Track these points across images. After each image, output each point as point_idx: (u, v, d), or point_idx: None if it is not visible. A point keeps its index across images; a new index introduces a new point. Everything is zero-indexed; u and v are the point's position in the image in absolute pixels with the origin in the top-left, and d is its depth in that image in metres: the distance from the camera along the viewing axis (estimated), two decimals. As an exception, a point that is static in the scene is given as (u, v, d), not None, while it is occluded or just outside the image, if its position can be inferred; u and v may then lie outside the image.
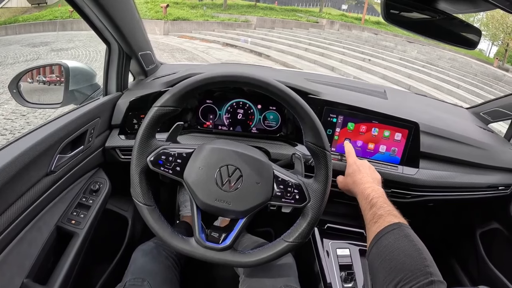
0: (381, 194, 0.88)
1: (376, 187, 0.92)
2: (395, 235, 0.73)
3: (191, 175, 0.84)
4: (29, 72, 1.26)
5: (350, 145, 1.14)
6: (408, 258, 0.66)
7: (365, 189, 0.91)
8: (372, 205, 0.84)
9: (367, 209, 0.86)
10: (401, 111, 1.24)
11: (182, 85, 0.84)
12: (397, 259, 0.67)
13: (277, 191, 0.86)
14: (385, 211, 0.80)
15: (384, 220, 0.77)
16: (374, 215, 0.81)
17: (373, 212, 0.83)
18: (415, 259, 0.66)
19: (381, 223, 0.77)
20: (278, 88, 0.82)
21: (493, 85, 12.89)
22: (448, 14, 0.79)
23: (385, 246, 0.72)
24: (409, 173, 1.22)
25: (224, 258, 0.84)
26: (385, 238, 0.73)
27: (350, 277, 1.10)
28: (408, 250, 0.68)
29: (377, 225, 0.78)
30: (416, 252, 0.67)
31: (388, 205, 0.83)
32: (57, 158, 0.96)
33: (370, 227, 0.80)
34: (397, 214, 0.80)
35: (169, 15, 18.08)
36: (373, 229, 0.78)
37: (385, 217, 0.78)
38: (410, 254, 0.67)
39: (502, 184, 1.35)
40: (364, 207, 0.88)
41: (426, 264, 0.64)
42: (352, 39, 18.70)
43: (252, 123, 1.30)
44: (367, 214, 0.85)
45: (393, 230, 0.74)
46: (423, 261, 0.65)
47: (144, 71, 1.35)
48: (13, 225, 0.83)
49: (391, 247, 0.70)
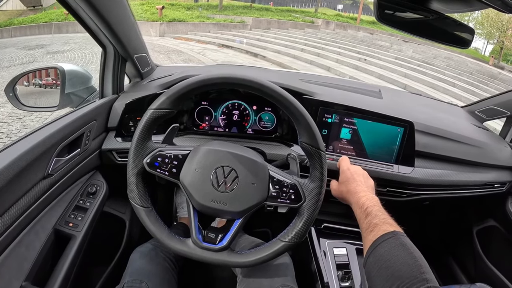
0: (375, 203, 0.88)
1: (370, 196, 0.92)
2: (390, 244, 0.73)
3: (187, 176, 0.85)
4: (25, 76, 1.26)
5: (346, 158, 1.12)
6: (404, 266, 0.67)
7: (359, 198, 0.92)
8: (367, 214, 0.85)
9: (362, 218, 0.86)
10: (396, 111, 1.25)
11: (177, 87, 0.84)
12: (393, 267, 0.68)
13: (273, 191, 0.86)
14: (380, 220, 0.81)
15: (380, 229, 0.78)
16: (369, 224, 0.82)
17: (368, 221, 0.83)
18: (411, 267, 0.67)
19: (376, 232, 0.78)
20: (272, 89, 0.83)
21: (488, 83, 12.92)
22: (441, 13, 0.80)
23: (381, 255, 0.73)
24: (405, 172, 1.23)
25: (221, 259, 0.85)
26: (381, 246, 0.74)
27: (347, 276, 1.11)
28: (404, 258, 0.69)
29: (373, 234, 0.78)
30: (412, 260, 0.68)
31: (383, 214, 0.84)
32: (54, 161, 0.96)
33: (366, 236, 0.81)
34: (392, 223, 0.81)
35: (165, 17, 18.04)
36: (369, 238, 0.79)
37: (381, 225, 0.79)
38: (406, 261, 0.68)
39: (497, 181, 1.36)
40: (359, 216, 0.88)
41: (422, 271, 0.65)
42: (347, 39, 18.72)
43: (247, 124, 1.31)
44: (363, 223, 0.85)
45: (388, 238, 0.75)
46: (419, 268, 0.66)
47: (140, 74, 1.36)
48: (11, 229, 0.83)
49: (388, 256, 0.71)
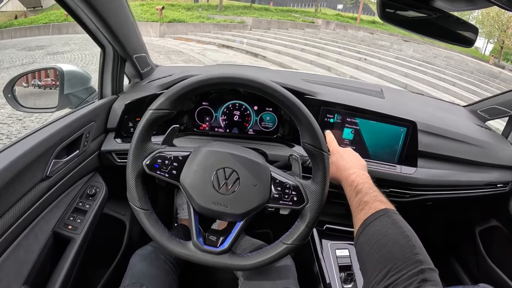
0: (366, 180, 0.86)
1: (360, 173, 0.89)
2: (382, 222, 0.71)
3: (187, 178, 0.84)
4: (23, 76, 1.25)
5: (331, 135, 1.10)
6: (396, 246, 0.64)
7: (349, 175, 0.89)
8: (358, 191, 0.82)
9: (352, 196, 0.83)
10: (398, 110, 1.24)
11: (177, 88, 0.83)
12: (385, 247, 0.65)
13: (275, 193, 0.85)
14: (371, 197, 0.78)
15: (370, 207, 0.75)
16: (360, 202, 0.79)
17: (358, 199, 0.81)
18: (403, 247, 0.64)
19: (367, 210, 0.75)
20: (274, 89, 0.81)
21: (489, 83, 12.94)
22: (444, 12, 0.79)
23: (372, 234, 0.70)
24: (407, 173, 1.22)
25: (222, 262, 0.84)
26: (372, 225, 0.71)
27: (349, 278, 1.10)
28: (396, 238, 0.66)
29: (364, 212, 0.76)
30: (405, 240, 0.65)
31: (374, 191, 0.81)
32: (52, 163, 0.95)
33: (356, 215, 0.78)
34: (384, 200, 0.78)
35: (165, 17, 18.07)
36: (360, 217, 0.76)
37: (371, 203, 0.76)
38: (398, 241, 0.65)
39: (500, 181, 1.35)
40: (349, 194, 0.86)
41: (415, 252, 0.62)
42: (348, 38, 18.75)
43: (248, 124, 1.30)
44: (353, 201, 0.82)
45: (380, 217, 0.72)
46: (412, 248, 0.63)
47: (139, 74, 1.35)
48: (9, 232, 0.82)
49: (379, 235, 0.68)
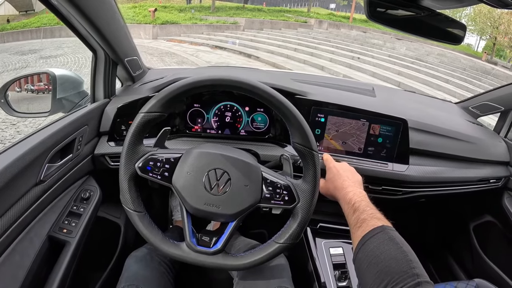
0: (363, 198, 0.88)
1: (357, 191, 0.91)
2: (379, 239, 0.73)
3: (179, 180, 0.84)
4: (16, 81, 1.25)
5: (328, 155, 1.13)
6: (394, 261, 0.67)
7: (346, 193, 0.91)
8: (355, 209, 0.84)
9: (350, 213, 0.85)
10: (389, 108, 1.25)
11: (167, 90, 0.84)
12: (383, 262, 0.68)
13: (266, 193, 0.86)
14: (368, 215, 0.80)
15: (368, 224, 0.78)
16: (357, 219, 0.81)
17: (356, 216, 0.83)
18: (400, 262, 0.66)
19: (365, 228, 0.77)
20: (263, 90, 0.82)
21: (482, 79, 12.99)
22: (432, 10, 0.80)
23: (370, 251, 0.72)
24: (399, 170, 1.23)
25: (216, 262, 0.84)
26: (370, 242, 0.74)
27: (344, 276, 1.11)
28: (393, 253, 0.69)
29: (361, 230, 0.78)
30: (402, 255, 0.68)
31: (370, 208, 0.83)
32: (46, 167, 0.96)
33: (355, 232, 0.80)
34: (381, 217, 0.80)
35: (158, 19, 18.01)
36: (358, 234, 0.78)
37: (369, 220, 0.79)
38: (395, 256, 0.68)
39: (493, 177, 1.36)
40: (347, 212, 0.88)
41: (412, 266, 0.65)
42: (341, 38, 18.76)
43: (240, 125, 1.30)
44: (351, 219, 0.85)
45: (377, 233, 0.74)
46: (409, 263, 0.66)
47: (132, 77, 1.35)
48: (4, 236, 0.82)
49: (377, 251, 0.71)
